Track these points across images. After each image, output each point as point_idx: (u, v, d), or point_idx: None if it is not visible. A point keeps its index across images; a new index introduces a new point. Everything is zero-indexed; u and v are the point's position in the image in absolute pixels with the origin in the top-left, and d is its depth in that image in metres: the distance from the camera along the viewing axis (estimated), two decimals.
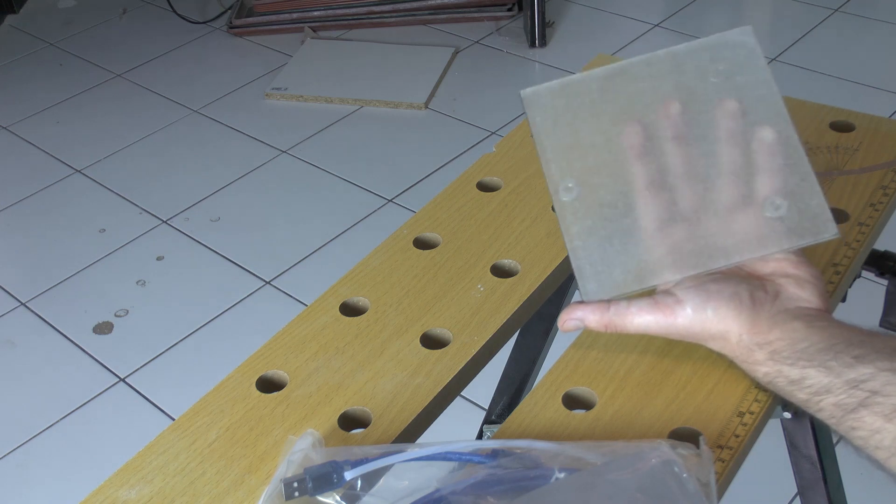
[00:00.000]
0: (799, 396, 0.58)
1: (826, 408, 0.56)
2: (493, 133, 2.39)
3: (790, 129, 0.63)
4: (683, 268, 0.62)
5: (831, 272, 0.73)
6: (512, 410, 0.64)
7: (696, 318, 0.61)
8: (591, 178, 0.65)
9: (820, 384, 0.56)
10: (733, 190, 0.63)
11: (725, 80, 0.64)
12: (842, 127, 0.89)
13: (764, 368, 0.60)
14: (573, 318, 0.64)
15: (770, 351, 0.59)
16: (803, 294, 0.62)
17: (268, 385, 0.68)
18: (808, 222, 0.62)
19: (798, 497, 1.08)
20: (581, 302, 0.64)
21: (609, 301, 0.63)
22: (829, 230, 0.62)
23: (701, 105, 0.64)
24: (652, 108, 0.65)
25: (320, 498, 0.56)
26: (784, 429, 0.87)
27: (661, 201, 0.63)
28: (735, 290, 0.61)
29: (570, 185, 0.65)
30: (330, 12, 2.93)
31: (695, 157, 0.63)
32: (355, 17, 2.93)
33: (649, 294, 0.63)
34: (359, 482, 0.56)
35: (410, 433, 0.64)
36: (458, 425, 0.83)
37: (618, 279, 0.63)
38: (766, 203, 0.62)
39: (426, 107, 2.53)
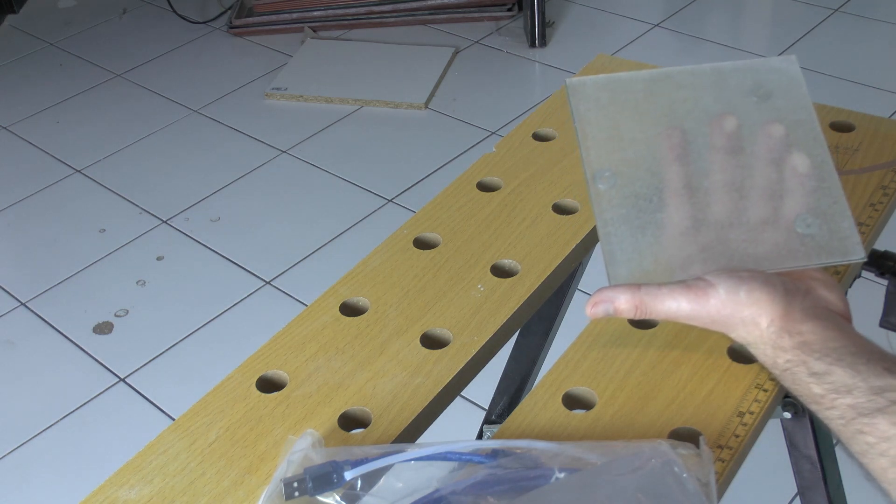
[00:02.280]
0: (814, 390, 0.57)
1: (839, 407, 0.56)
2: (493, 133, 2.39)
3: (825, 153, 0.65)
4: (713, 265, 0.63)
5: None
6: (512, 410, 0.64)
7: (729, 300, 0.60)
8: (627, 170, 0.66)
9: (842, 383, 0.56)
10: (766, 206, 0.64)
11: (766, 100, 0.66)
12: (842, 127, 0.89)
13: (788, 355, 0.59)
14: (603, 302, 0.62)
15: (800, 341, 0.59)
16: (831, 297, 0.62)
17: (268, 385, 0.68)
18: (838, 242, 0.63)
19: (798, 497, 1.08)
20: (610, 286, 0.63)
21: (639, 284, 0.63)
22: (857, 252, 0.63)
23: (740, 120, 0.66)
24: (692, 116, 0.66)
25: (320, 498, 0.56)
26: (784, 429, 0.87)
27: (695, 205, 0.64)
28: (768, 277, 0.61)
29: (606, 174, 0.66)
30: (330, 12, 2.93)
31: (732, 170, 0.65)
32: (355, 17, 2.93)
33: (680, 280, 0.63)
34: (359, 482, 0.56)
35: (410, 433, 0.64)
36: (458, 425, 0.83)
37: (648, 268, 0.64)
38: (797, 219, 0.63)
39: (426, 107, 2.53)
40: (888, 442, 0.53)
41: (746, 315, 0.60)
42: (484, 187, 0.86)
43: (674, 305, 0.62)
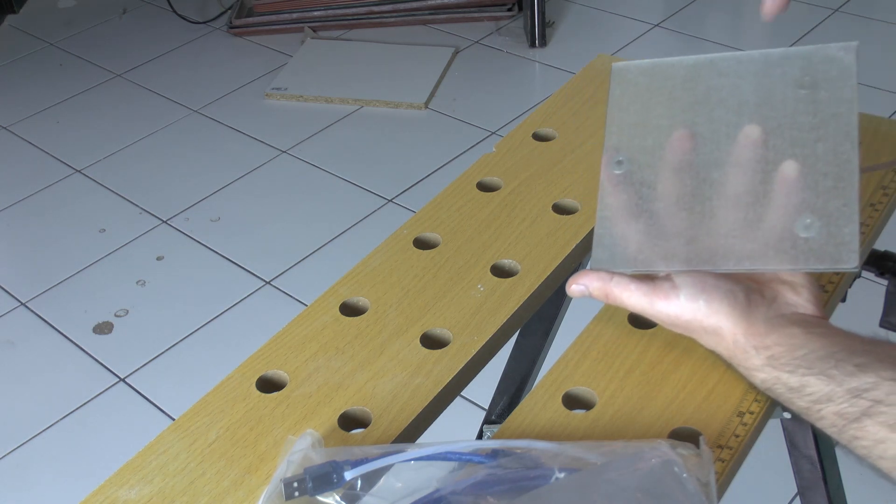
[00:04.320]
0: (798, 404, 0.57)
1: (827, 416, 0.55)
2: (493, 133, 2.39)
3: (854, 153, 0.61)
4: (694, 262, 0.63)
5: (832, 272, 0.73)
6: (512, 410, 0.64)
7: (688, 307, 0.61)
8: (642, 158, 0.66)
9: (821, 392, 0.56)
10: (770, 204, 0.62)
11: (808, 92, 0.63)
12: None
13: (761, 374, 0.59)
14: (579, 284, 0.65)
15: (768, 356, 0.59)
16: (799, 300, 0.62)
17: (268, 385, 0.68)
18: (833, 248, 0.60)
19: (798, 497, 1.08)
20: (589, 270, 0.65)
21: (613, 273, 0.64)
22: (850, 261, 0.59)
23: (773, 111, 0.63)
24: (725, 105, 0.65)
25: (320, 498, 0.56)
26: (784, 429, 0.87)
27: (695, 196, 0.63)
28: (731, 288, 0.61)
29: (621, 159, 0.66)
30: (330, 12, 2.93)
31: (746, 164, 0.63)
32: (355, 17, 2.93)
33: (652, 277, 0.64)
34: (359, 482, 0.56)
35: (410, 433, 0.64)
36: (458, 425, 0.83)
37: (630, 256, 0.64)
38: (799, 221, 0.61)
39: (426, 107, 2.53)
40: (884, 444, 0.53)
41: (707, 325, 0.61)
42: (484, 187, 0.86)
43: (637, 303, 0.63)
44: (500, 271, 0.76)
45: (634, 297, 0.63)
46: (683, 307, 0.61)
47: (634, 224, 0.64)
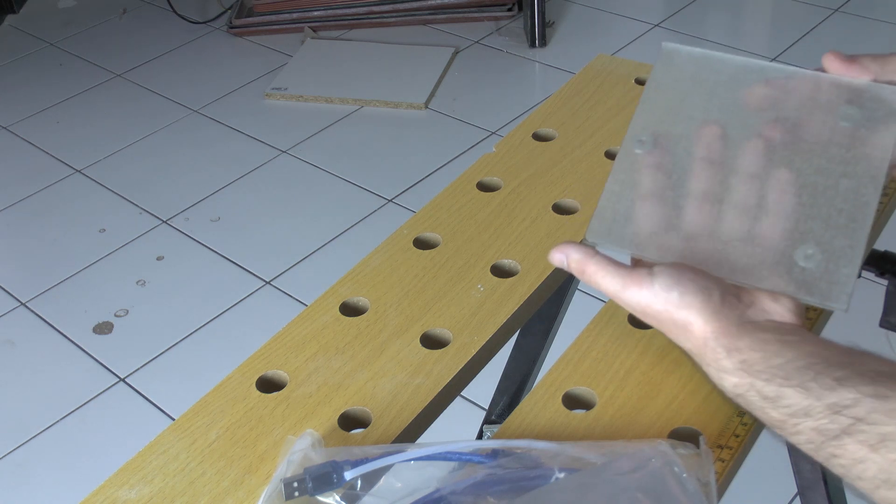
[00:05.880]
0: (773, 415, 0.55)
1: (804, 431, 0.53)
2: (493, 133, 2.40)
3: (874, 198, 0.61)
4: (688, 261, 0.62)
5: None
6: (512, 410, 0.64)
7: (661, 296, 0.59)
8: (666, 143, 0.65)
9: (798, 406, 0.53)
10: (777, 224, 0.61)
11: (849, 126, 0.63)
12: None
13: (734, 378, 0.57)
14: (561, 253, 0.63)
15: (740, 360, 0.56)
16: (777, 307, 0.60)
17: (268, 385, 0.68)
18: (826, 285, 0.60)
19: (798, 497, 1.08)
20: (574, 242, 0.63)
21: (596, 252, 0.62)
22: (840, 303, 0.59)
23: (809, 134, 0.63)
24: (764, 114, 0.64)
25: (320, 498, 0.56)
26: None
27: (706, 195, 0.63)
28: (707, 285, 0.59)
29: (644, 139, 0.65)
30: (330, 12, 2.93)
31: (766, 180, 0.63)
32: (355, 17, 2.93)
33: (635, 262, 0.63)
34: (359, 482, 0.56)
35: (410, 433, 0.64)
36: (458, 425, 0.83)
37: (625, 236, 0.63)
38: (800, 249, 0.60)
39: (426, 107, 2.53)
40: (863, 464, 0.50)
41: (678, 318, 0.59)
42: (484, 187, 0.86)
43: (610, 286, 0.61)
44: (500, 271, 0.76)
45: (608, 279, 0.61)
46: (656, 296, 0.59)
47: (639, 207, 0.63)
